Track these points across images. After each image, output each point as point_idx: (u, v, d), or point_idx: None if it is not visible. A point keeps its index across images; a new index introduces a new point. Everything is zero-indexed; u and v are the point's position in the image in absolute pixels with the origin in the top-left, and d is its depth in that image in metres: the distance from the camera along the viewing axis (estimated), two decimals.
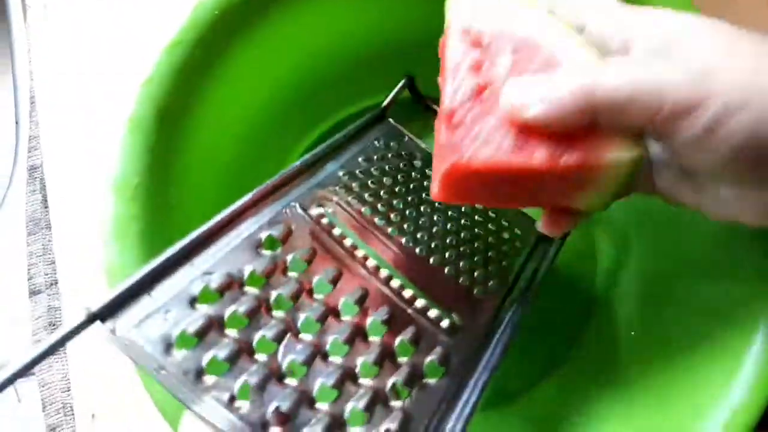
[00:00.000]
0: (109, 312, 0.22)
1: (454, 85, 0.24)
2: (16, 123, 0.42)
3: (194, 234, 0.25)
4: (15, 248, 0.41)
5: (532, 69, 0.23)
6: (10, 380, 0.19)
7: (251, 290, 0.24)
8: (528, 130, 0.23)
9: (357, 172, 0.32)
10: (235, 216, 0.26)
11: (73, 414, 0.38)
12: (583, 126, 0.22)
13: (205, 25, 0.31)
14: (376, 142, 0.34)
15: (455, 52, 0.25)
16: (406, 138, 0.36)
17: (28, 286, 0.40)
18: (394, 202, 0.31)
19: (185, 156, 0.32)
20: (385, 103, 0.37)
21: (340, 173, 0.31)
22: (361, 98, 0.41)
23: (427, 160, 0.35)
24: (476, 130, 0.23)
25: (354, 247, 0.28)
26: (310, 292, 0.25)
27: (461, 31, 0.25)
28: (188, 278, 0.23)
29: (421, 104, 0.39)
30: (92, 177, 0.40)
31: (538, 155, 0.22)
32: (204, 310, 0.23)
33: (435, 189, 0.24)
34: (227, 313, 0.23)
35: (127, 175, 0.30)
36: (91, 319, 0.21)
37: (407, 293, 0.27)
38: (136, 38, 0.44)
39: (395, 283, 0.27)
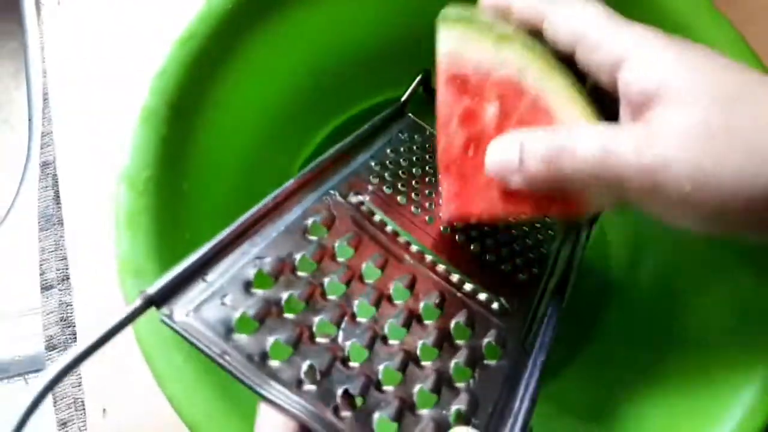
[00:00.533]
0: (164, 297, 0.20)
1: (445, 141, 0.26)
2: (29, 120, 0.40)
3: (243, 218, 0.24)
4: (27, 244, 0.39)
5: (516, 119, 0.25)
6: (71, 366, 0.18)
7: (304, 275, 0.23)
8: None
9: (387, 162, 0.31)
10: (279, 202, 0.25)
11: (84, 409, 0.37)
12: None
13: (219, 18, 0.31)
14: (400, 135, 0.34)
15: (444, 106, 0.26)
16: (428, 131, 0.36)
17: (39, 281, 0.38)
18: (427, 191, 0.31)
19: (198, 148, 0.31)
20: (404, 98, 0.36)
21: (372, 163, 0.31)
22: (375, 93, 0.41)
23: None
24: (470, 184, 0.26)
25: (395, 233, 0.27)
26: (361, 278, 0.25)
27: (447, 79, 0.26)
28: (241, 263, 0.23)
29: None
30: (105, 173, 0.39)
31: (526, 207, 0.24)
32: (261, 294, 0.22)
33: (444, 219, 0.27)
34: (284, 296, 0.22)
35: (138, 167, 0.29)
36: (148, 303, 0.20)
37: (454, 278, 0.27)
38: (150, 33, 0.43)
39: (440, 267, 0.27)
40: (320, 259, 0.24)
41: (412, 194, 0.30)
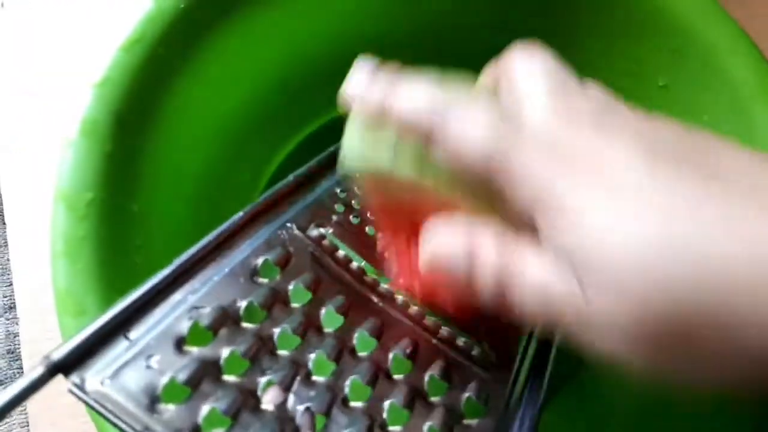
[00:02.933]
0: (75, 361, 0.17)
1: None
2: None
3: (177, 262, 0.20)
4: None
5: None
6: None
7: (250, 327, 0.20)
8: None
9: (355, 188, 0.28)
10: (224, 239, 0.22)
11: None
12: None
13: (170, 19, 0.28)
14: None
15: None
16: None
17: None
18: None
19: (149, 165, 0.28)
20: None
21: (337, 190, 0.27)
22: None
23: None
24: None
25: (362, 271, 0.24)
26: (319, 327, 0.21)
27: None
28: (173, 315, 0.19)
29: None
30: (52, 190, 0.36)
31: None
32: (195, 352, 0.18)
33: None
34: (224, 354, 0.19)
35: (78, 188, 0.25)
36: (52, 371, 0.17)
37: (429, 321, 0.23)
38: (99, 39, 0.39)
39: (413, 309, 0.24)
40: (271, 306, 0.21)
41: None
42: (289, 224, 0.24)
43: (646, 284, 0.15)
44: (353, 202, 0.27)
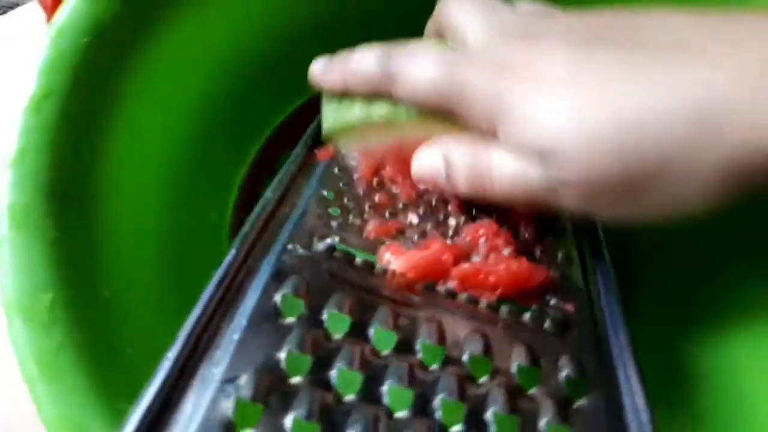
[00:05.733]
0: None
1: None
2: None
3: (182, 337, 0.16)
4: None
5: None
6: None
7: (300, 381, 0.16)
8: None
9: (341, 185, 0.24)
10: (226, 288, 0.18)
11: None
12: None
13: (77, 60, 0.23)
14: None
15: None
16: None
17: None
18: (403, 205, 0.24)
19: (107, 239, 0.23)
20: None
21: (324, 192, 0.23)
22: (284, 103, 0.33)
23: None
24: None
25: (390, 273, 0.20)
26: (374, 351, 0.18)
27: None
28: (206, 400, 0.15)
29: None
30: None
31: None
32: None
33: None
34: (287, 426, 0.15)
35: (31, 293, 0.20)
36: None
37: (482, 306, 0.20)
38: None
39: (462, 298, 0.20)
40: (313, 347, 0.17)
41: (387, 213, 0.23)
42: (290, 246, 0.20)
43: (589, 155, 0.18)
44: (345, 200, 0.23)
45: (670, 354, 0.28)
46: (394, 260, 0.21)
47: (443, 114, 0.22)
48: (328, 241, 0.21)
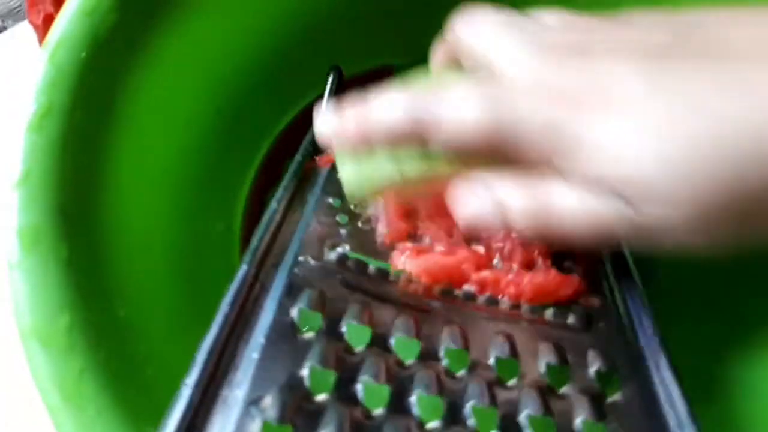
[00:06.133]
0: None
1: None
2: None
3: (200, 359, 0.16)
4: None
5: None
6: None
7: (326, 398, 0.15)
8: None
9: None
10: (241, 305, 0.17)
11: None
12: None
13: (77, 76, 0.22)
14: None
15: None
16: None
17: None
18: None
19: (120, 258, 0.22)
20: (324, 107, 0.29)
21: (329, 200, 0.23)
22: (285, 109, 0.32)
23: None
24: None
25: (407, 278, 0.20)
26: (398, 361, 0.17)
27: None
28: (231, 424, 0.14)
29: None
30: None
31: None
32: None
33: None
34: None
35: (47, 316, 0.20)
36: None
37: (503, 305, 0.20)
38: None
39: (481, 299, 0.20)
40: (336, 362, 0.16)
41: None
42: (301, 258, 0.20)
43: (685, 182, 0.16)
44: (353, 206, 0.23)
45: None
46: (409, 263, 0.20)
47: (490, 155, 0.19)
48: (339, 249, 0.20)
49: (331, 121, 0.21)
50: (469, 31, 0.20)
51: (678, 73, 0.16)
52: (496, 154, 0.18)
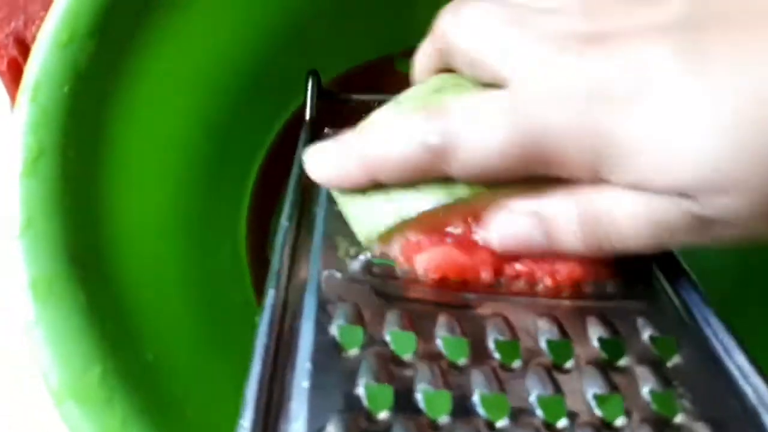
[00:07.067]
0: None
1: None
2: None
3: (251, 401, 0.15)
4: None
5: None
6: None
7: (387, 415, 0.15)
8: None
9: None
10: (277, 334, 0.16)
11: None
12: None
13: (63, 114, 0.21)
14: None
15: None
16: None
17: None
18: None
19: (135, 294, 0.22)
20: (308, 115, 0.28)
21: (336, 207, 0.22)
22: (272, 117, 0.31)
23: None
24: None
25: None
26: (451, 364, 0.16)
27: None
28: None
29: (333, 100, 0.31)
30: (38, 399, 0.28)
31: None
32: None
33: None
34: None
35: (79, 372, 0.19)
36: None
37: (540, 287, 0.19)
38: None
39: (518, 284, 0.19)
40: (389, 376, 0.16)
41: None
42: (325, 273, 0.19)
43: (755, 166, 0.14)
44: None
45: None
46: (420, 260, 0.19)
47: (524, 175, 0.17)
48: (362, 257, 0.20)
49: (326, 161, 0.19)
50: (462, 32, 0.18)
51: (715, 48, 0.14)
52: (531, 173, 0.17)
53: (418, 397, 0.15)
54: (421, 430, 0.15)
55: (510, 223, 0.18)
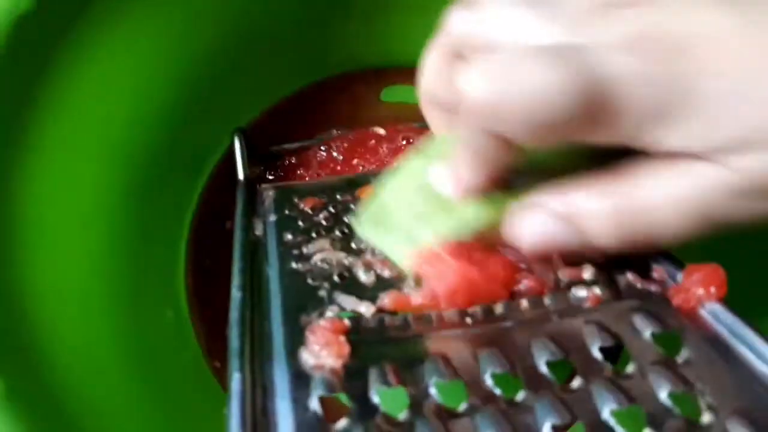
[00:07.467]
0: None
1: None
2: None
3: None
4: None
5: None
6: None
7: None
8: None
9: (303, 250, 0.21)
10: (252, 418, 0.15)
11: None
12: None
13: None
14: (287, 211, 0.24)
15: None
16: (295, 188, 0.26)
17: None
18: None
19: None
20: (240, 175, 0.26)
21: (293, 265, 0.20)
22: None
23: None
24: None
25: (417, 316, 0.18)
26: (448, 410, 0.15)
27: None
28: None
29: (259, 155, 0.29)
30: None
31: None
32: None
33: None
34: None
35: None
36: None
37: (525, 306, 0.18)
38: None
39: (499, 310, 0.18)
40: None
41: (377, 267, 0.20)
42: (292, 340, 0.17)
43: None
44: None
45: None
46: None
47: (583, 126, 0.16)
48: (329, 314, 0.18)
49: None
50: (477, 18, 0.18)
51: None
52: (593, 121, 0.16)
53: None
54: None
55: (533, 222, 0.18)
